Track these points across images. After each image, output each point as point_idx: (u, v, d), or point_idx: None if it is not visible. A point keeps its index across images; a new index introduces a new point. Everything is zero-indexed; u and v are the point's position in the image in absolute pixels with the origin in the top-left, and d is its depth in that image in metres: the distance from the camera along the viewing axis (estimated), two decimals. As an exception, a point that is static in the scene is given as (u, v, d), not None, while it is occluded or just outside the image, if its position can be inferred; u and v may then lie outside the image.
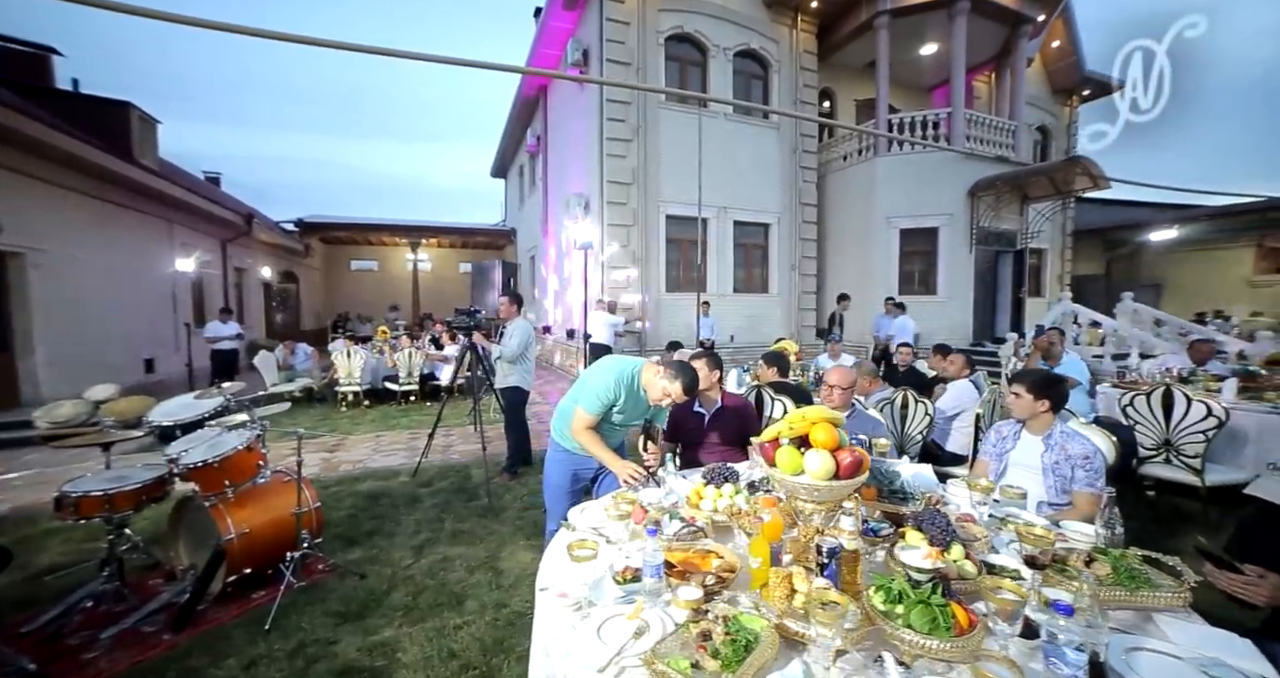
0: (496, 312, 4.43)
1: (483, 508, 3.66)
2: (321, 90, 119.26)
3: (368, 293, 20.41)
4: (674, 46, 9.70)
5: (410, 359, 7.02)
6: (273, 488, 2.70)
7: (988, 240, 9.81)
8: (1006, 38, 10.79)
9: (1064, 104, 14.53)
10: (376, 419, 6.45)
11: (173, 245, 9.52)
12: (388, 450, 5.15)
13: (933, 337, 9.62)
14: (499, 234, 19.73)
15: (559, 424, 2.34)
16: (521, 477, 4.34)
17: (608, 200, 9.31)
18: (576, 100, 10.60)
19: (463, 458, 4.91)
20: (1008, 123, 10.23)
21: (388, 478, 4.28)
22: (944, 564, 1.10)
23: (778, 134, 10.60)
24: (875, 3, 9.76)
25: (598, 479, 2.36)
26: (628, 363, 2.17)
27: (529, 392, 4.37)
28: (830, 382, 2.54)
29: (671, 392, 2.01)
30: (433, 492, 3.99)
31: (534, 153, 14.90)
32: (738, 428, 2.64)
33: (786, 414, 3.18)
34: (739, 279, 10.54)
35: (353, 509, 3.61)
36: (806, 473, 1.29)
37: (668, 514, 1.55)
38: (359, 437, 5.66)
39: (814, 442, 1.32)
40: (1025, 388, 2.27)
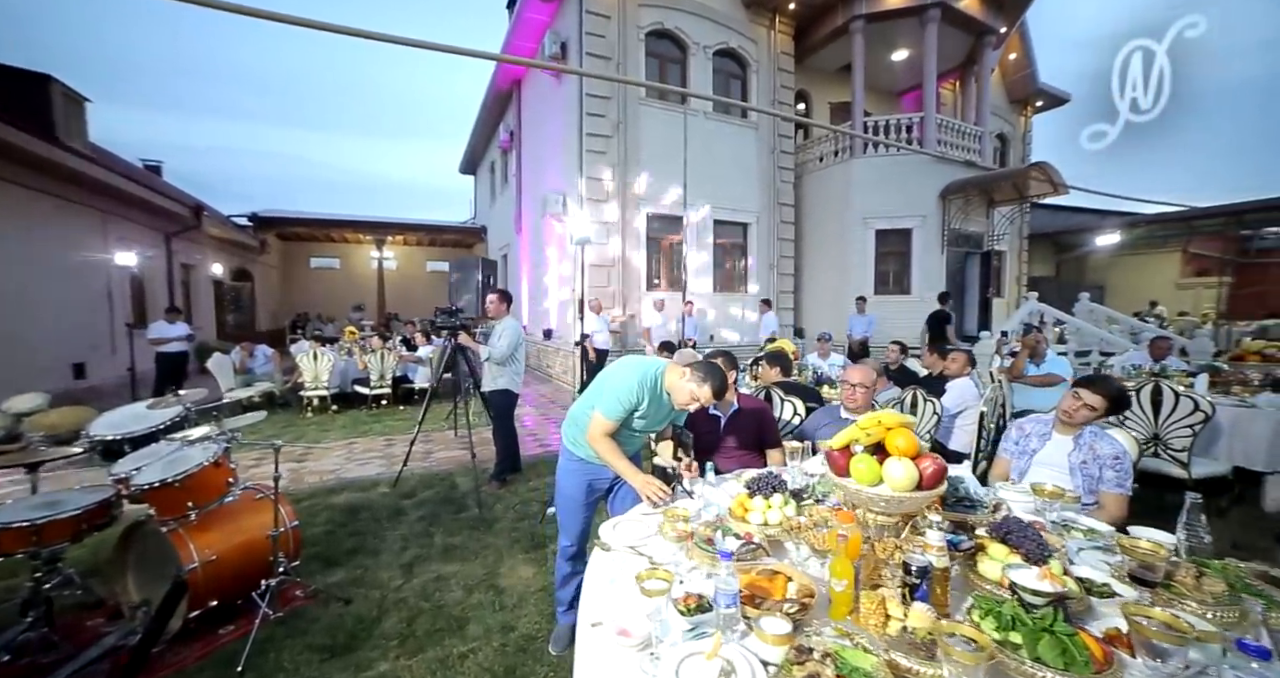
0: (484, 310, 4.18)
1: (474, 519, 3.43)
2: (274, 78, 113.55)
3: (329, 292, 19.48)
4: (654, 43, 9.58)
5: (383, 361, 6.63)
6: (243, 507, 2.41)
7: (957, 242, 10.12)
8: (972, 47, 11.16)
9: (1020, 114, 15.22)
10: (347, 425, 6.06)
11: (107, 238, 8.70)
12: (362, 459, 4.81)
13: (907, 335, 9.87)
14: (469, 232, 19.16)
15: (572, 431, 2.17)
16: (511, 484, 4.12)
17: (587, 197, 9.10)
18: (553, 95, 10.33)
19: (445, 465, 4.63)
20: (975, 129, 10.59)
21: (366, 489, 3.97)
22: (1065, 588, 0.99)
23: (756, 134, 10.63)
24: (851, 7, 9.92)
25: (613, 489, 2.20)
26: (650, 364, 2.01)
27: (519, 395, 4.15)
28: (853, 381, 2.45)
29: (700, 395, 1.87)
30: (417, 503, 3.72)
31: (506, 148, 14.51)
32: (755, 432, 2.53)
33: (797, 413, 3.11)
34: (718, 278, 10.52)
35: (329, 525, 3.32)
36: (886, 483, 1.17)
37: (720, 530, 1.41)
38: (329, 444, 5.28)
39: (892, 449, 1.20)
40: (1102, 397, 2.15)
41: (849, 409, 2.52)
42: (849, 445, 1.27)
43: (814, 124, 9.38)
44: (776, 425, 2.63)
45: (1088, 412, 2.17)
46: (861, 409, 2.49)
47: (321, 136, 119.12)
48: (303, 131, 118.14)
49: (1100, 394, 2.18)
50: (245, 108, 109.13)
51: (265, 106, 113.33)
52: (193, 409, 2.75)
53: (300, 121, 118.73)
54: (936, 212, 9.84)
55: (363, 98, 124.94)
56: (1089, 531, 1.45)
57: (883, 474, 1.17)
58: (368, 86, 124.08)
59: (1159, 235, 17.88)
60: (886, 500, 1.16)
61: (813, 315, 11.31)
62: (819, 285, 11.13)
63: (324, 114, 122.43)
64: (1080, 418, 2.21)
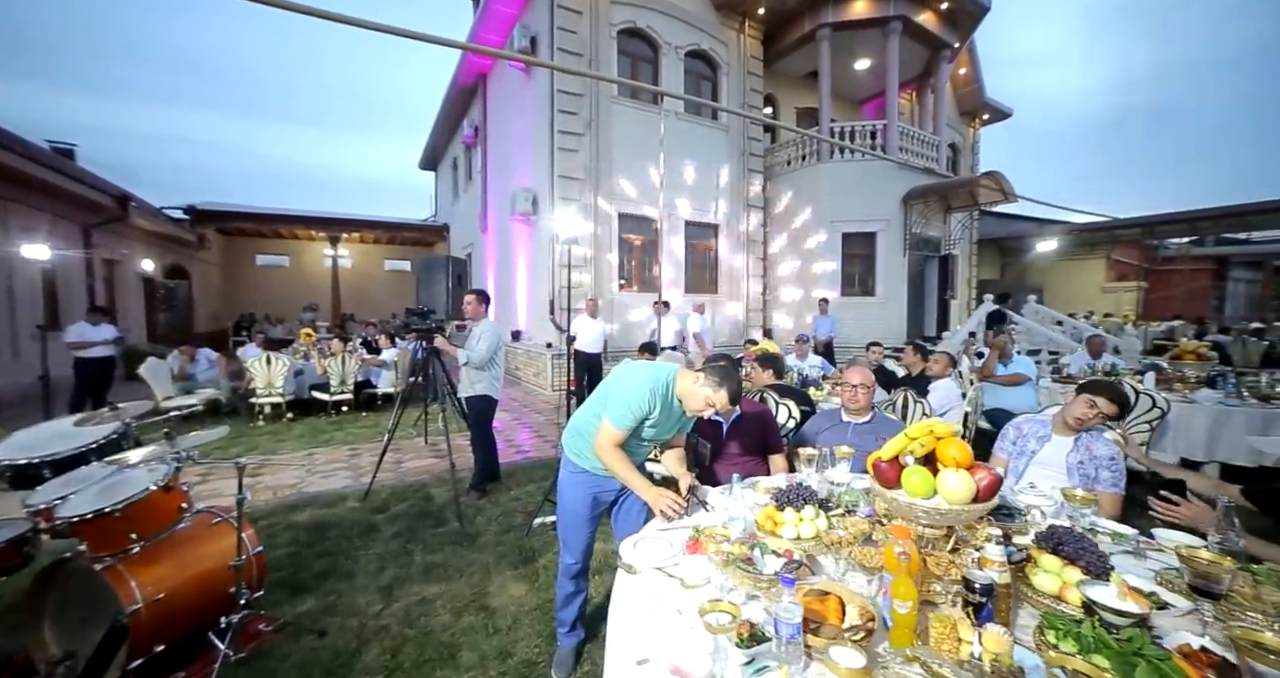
0: (459, 311, 3.96)
1: (455, 534, 3.22)
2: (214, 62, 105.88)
3: (278, 291, 18.31)
4: (626, 41, 9.49)
5: (344, 365, 6.23)
6: (198, 535, 2.14)
7: (918, 246, 10.53)
8: (928, 60, 11.66)
9: (969, 125, 16.04)
10: (305, 434, 5.63)
11: (5, 228, 7.78)
12: (325, 470, 4.47)
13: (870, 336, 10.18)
14: (430, 230, 18.47)
15: (575, 441, 2.04)
16: (491, 494, 3.92)
17: (558, 196, 8.90)
18: (522, 91, 10.07)
19: (418, 476, 4.37)
20: (933, 137, 11.05)
21: (333, 504, 3.67)
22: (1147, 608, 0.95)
23: (727, 136, 10.71)
24: (818, 15, 10.15)
25: (618, 501, 2.08)
26: (660, 370, 1.91)
27: (498, 400, 3.95)
28: (854, 382, 2.43)
29: (716, 401, 1.79)
30: (391, 518, 3.47)
31: (471, 144, 14.07)
32: (758, 436, 2.47)
33: (792, 416, 3.08)
34: (689, 280, 10.53)
35: (294, 546, 3.03)
36: (940, 495, 1.12)
37: (756, 548, 1.32)
38: (287, 456, 4.88)
39: (946, 460, 1.15)
40: (1108, 401, 2.21)
41: (850, 411, 2.50)
42: (898, 456, 1.22)
43: (784, 127, 9.54)
44: (779, 429, 2.58)
45: (1095, 417, 2.22)
46: (863, 411, 2.48)
47: (270, 127, 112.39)
48: (249, 121, 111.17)
49: (1115, 402, 2.23)
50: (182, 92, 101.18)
51: (205, 92, 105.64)
52: (133, 425, 2.43)
53: (246, 110, 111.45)
54: (899, 216, 10.19)
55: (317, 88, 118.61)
56: (1116, 534, 1.45)
57: (937, 486, 1.12)
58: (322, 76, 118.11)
59: (1088, 243, 19.34)
60: (942, 514, 1.11)
61: (781, 317, 11.50)
62: (786, 286, 11.32)
63: (273, 104, 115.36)
64: (1093, 422, 2.25)
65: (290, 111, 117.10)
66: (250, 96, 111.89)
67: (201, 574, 2.05)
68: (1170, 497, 1.63)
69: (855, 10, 10.02)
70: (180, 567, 2.01)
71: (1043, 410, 2.46)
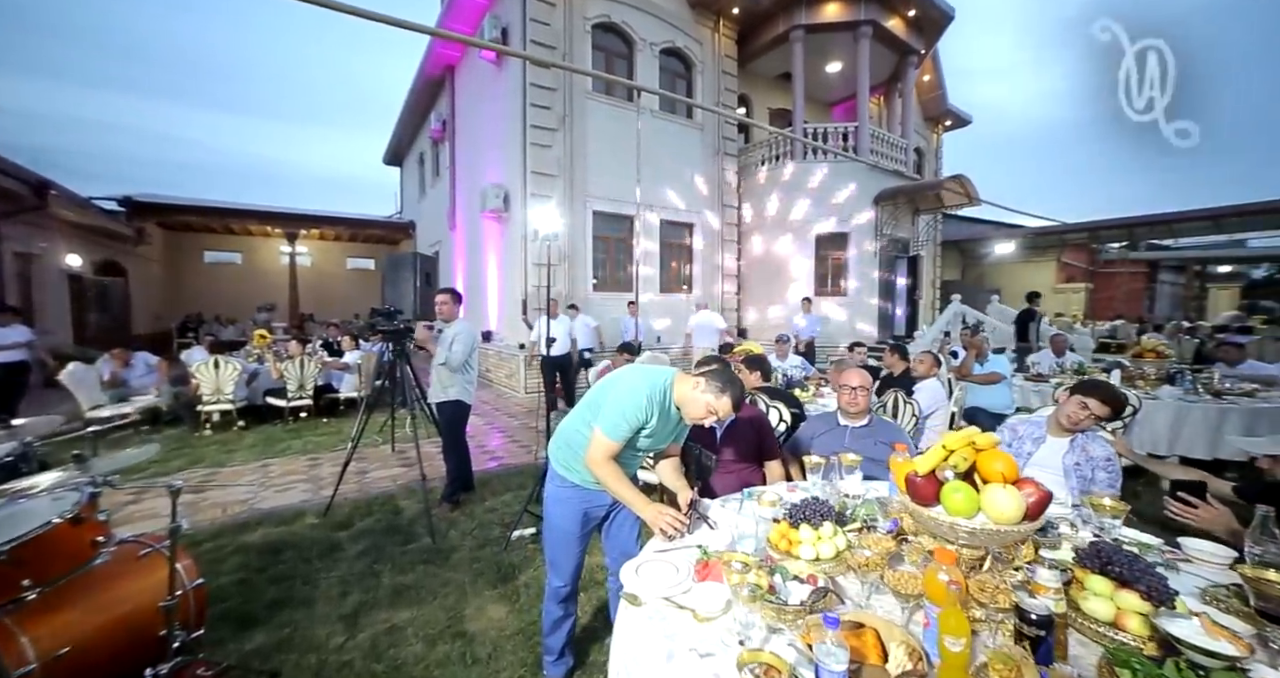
0: (432, 311, 3.72)
1: (426, 551, 2.99)
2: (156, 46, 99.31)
3: (229, 290, 17.26)
4: (600, 36, 9.31)
5: (303, 369, 5.83)
6: (120, 571, 1.82)
7: (888, 247, 10.73)
8: (896, 65, 11.92)
9: (932, 131, 16.54)
10: (258, 444, 5.22)
11: None
12: (281, 484, 4.13)
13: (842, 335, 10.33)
14: (396, 227, 17.80)
15: (562, 453, 1.87)
16: (465, 505, 3.69)
17: (531, 193, 8.65)
18: (493, 84, 9.75)
19: (385, 486, 4.09)
20: (902, 141, 11.29)
21: (289, 521, 3.37)
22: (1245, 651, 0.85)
23: (701, 135, 10.67)
24: (791, 17, 10.22)
25: (609, 516, 1.92)
26: (658, 375, 1.76)
27: (471, 405, 3.73)
28: (852, 384, 2.35)
29: (719, 408, 1.65)
30: (355, 535, 3.20)
31: (438, 139, 13.60)
32: (754, 442, 2.36)
33: (783, 420, 2.99)
34: (664, 279, 10.43)
35: (243, 572, 2.74)
36: (986, 513, 1.01)
37: (776, 573, 1.19)
38: (238, 468, 4.49)
39: (989, 474, 1.05)
40: (1101, 401, 2.19)
41: (848, 415, 2.42)
42: (934, 471, 1.11)
43: (759, 126, 9.55)
44: (774, 434, 2.48)
45: (1089, 418, 2.20)
46: (862, 414, 2.40)
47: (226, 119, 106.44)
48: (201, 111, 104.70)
49: (1108, 404, 2.21)
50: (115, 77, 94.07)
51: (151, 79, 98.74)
52: (35, 444, 2.11)
53: (198, 100, 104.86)
54: (870, 217, 10.36)
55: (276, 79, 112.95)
56: (1142, 545, 1.39)
57: (983, 504, 1.01)
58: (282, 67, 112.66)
59: (1040, 246, 20.36)
60: (988, 534, 1.01)
61: (755, 316, 11.54)
62: (760, 286, 11.37)
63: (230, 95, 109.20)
64: (1086, 423, 2.23)
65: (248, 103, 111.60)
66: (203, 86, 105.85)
67: (122, 618, 1.74)
68: (1189, 499, 1.59)
69: (828, 13, 10.13)
70: (93, 612, 1.69)
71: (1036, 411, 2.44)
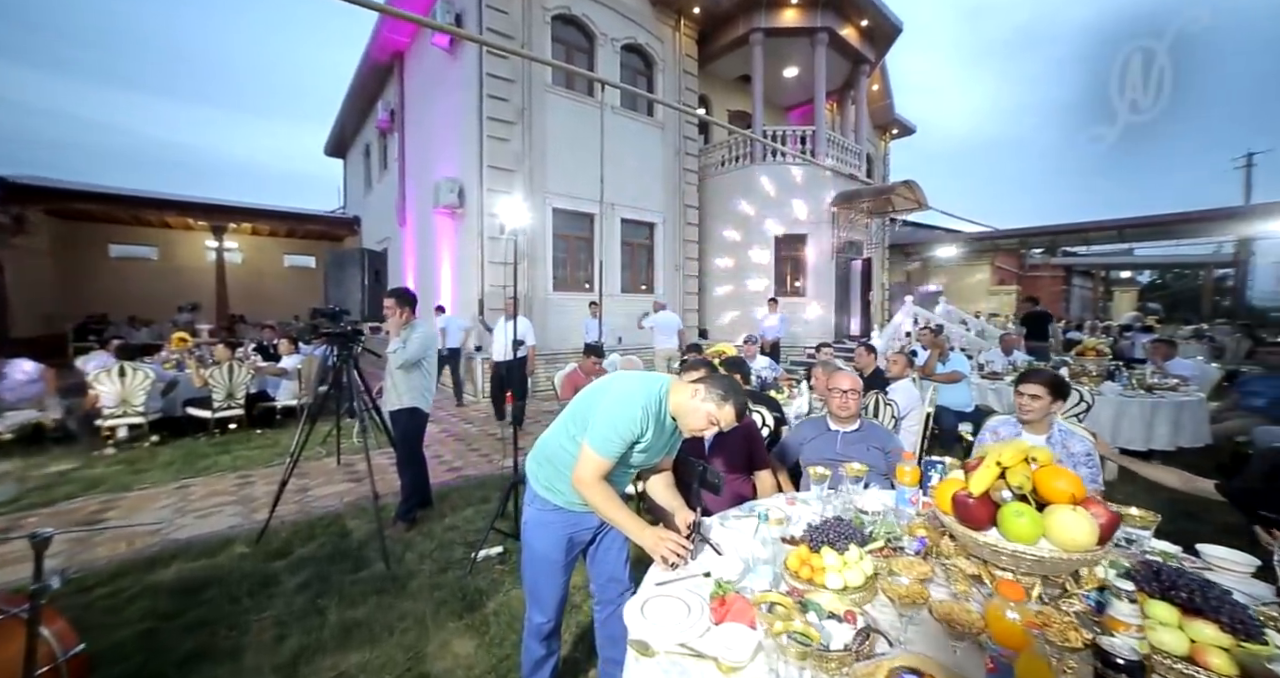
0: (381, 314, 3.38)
1: (380, 579, 2.68)
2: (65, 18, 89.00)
3: (142, 288, 15.54)
4: (560, 28, 9.04)
5: (232, 375, 5.24)
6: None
7: (844, 249, 11.03)
8: (849, 73, 12.30)
9: (880, 138, 17.27)
10: (175, 462, 4.61)
11: None
12: (204, 507, 3.64)
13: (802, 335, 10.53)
14: (339, 222, 16.71)
15: (544, 471, 1.65)
16: (423, 523, 3.37)
17: (488, 188, 8.27)
18: (446, 72, 9.27)
19: (330, 505, 3.69)
20: (856, 146, 11.64)
21: (213, 552, 2.94)
22: None
23: (662, 134, 10.58)
24: (751, 19, 10.31)
25: (595, 539, 1.73)
26: (651, 382, 1.58)
27: (429, 414, 3.41)
28: (843, 387, 2.26)
29: (720, 418, 1.50)
30: (294, 564, 2.83)
31: (386, 129, 12.85)
32: (744, 451, 2.23)
33: (766, 424, 2.88)
34: (625, 279, 10.27)
35: (151, 620, 2.32)
36: (1052, 539, 0.90)
37: (808, 608, 1.04)
38: (149, 492, 3.92)
39: (1052, 494, 0.94)
40: (1046, 390, 2.21)
41: (838, 419, 2.33)
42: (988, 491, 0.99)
43: (723, 126, 9.56)
44: (764, 442, 2.35)
45: (1037, 403, 2.22)
46: (853, 418, 2.32)
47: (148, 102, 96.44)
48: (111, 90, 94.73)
49: (1037, 383, 2.26)
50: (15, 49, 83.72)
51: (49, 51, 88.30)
52: None
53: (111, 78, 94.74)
54: (827, 220, 10.61)
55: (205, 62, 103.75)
56: (1165, 554, 1.34)
57: (1050, 529, 0.90)
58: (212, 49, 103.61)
59: (976, 250, 21.76)
60: (1054, 563, 0.90)
61: (715, 317, 11.57)
62: (721, 287, 11.41)
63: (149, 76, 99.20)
64: (1034, 412, 2.26)
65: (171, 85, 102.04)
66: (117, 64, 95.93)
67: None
68: None
69: (786, 18, 10.29)
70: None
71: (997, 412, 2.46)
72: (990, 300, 22.53)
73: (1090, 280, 24.81)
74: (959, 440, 4.86)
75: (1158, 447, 4.63)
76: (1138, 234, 16.88)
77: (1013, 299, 22.29)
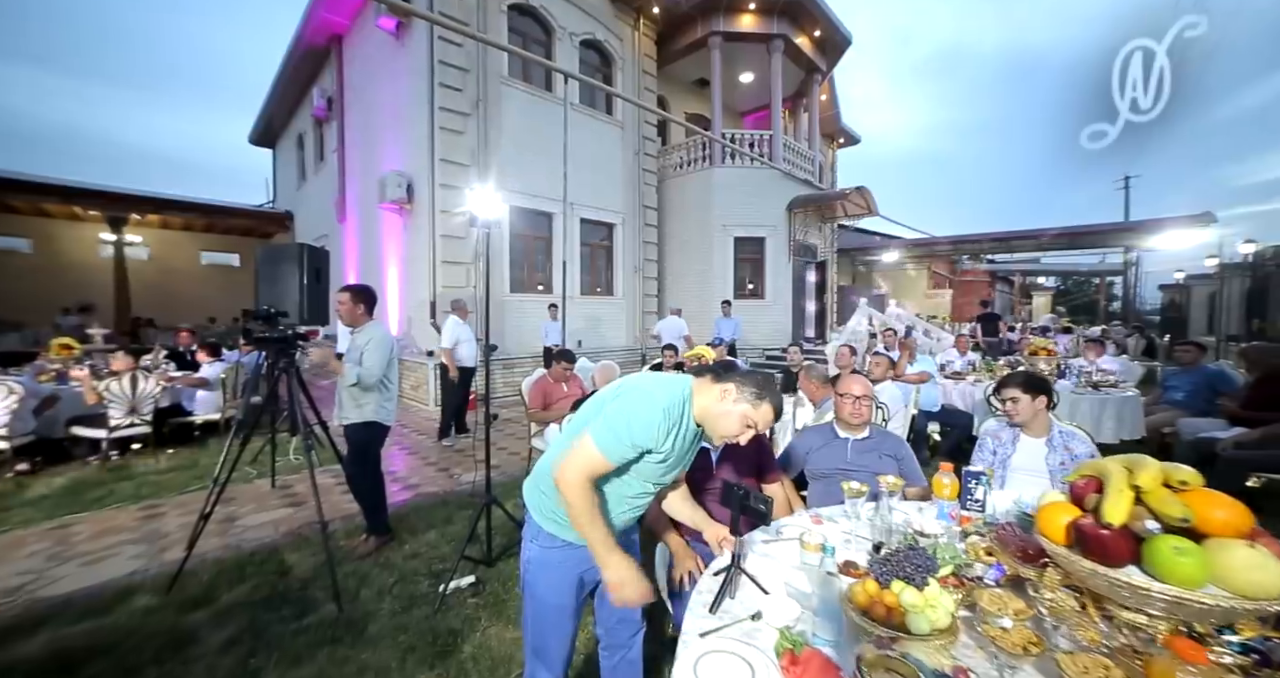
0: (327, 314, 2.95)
1: (331, 625, 2.28)
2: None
3: (9, 287, 13.11)
4: (517, 19, 8.67)
5: (135, 387, 4.50)
6: None
7: (800, 252, 11.25)
8: (802, 81, 12.63)
9: (829, 146, 17.95)
10: (54, 495, 3.81)
11: None
12: (92, 551, 2.99)
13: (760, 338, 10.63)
14: (268, 217, 15.33)
15: (546, 500, 1.39)
16: (379, 553, 2.96)
17: (440, 183, 7.76)
18: (393, 58, 8.64)
19: (264, 536, 3.18)
20: (810, 151, 11.95)
21: (104, 609, 2.37)
22: None
23: (622, 133, 10.40)
24: (710, 23, 10.34)
25: (605, 578, 1.48)
26: (674, 385, 1.34)
27: (389, 427, 3.02)
28: (855, 393, 2.13)
29: (758, 420, 1.30)
30: (218, 615, 2.36)
31: (323, 117, 11.89)
32: (753, 461, 2.04)
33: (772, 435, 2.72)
34: (584, 281, 9.99)
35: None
36: (1219, 581, 0.76)
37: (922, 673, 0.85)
38: (8, 538, 3.14)
39: (1213, 525, 0.80)
40: (1021, 390, 2.21)
41: (849, 426, 2.19)
42: (1128, 523, 0.84)
43: (685, 124, 9.47)
44: (772, 452, 2.18)
45: (1019, 405, 2.22)
46: (864, 425, 2.19)
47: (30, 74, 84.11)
48: None
49: (1012, 386, 2.27)
50: None
51: None
52: None
53: None
54: (784, 223, 10.78)
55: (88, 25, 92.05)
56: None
57: (1218, 570, 0.75)
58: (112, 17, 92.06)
59: (915, 256, 23.12)
60: (1225, 612, 0.75)
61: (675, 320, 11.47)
62: (681, 289, 11.34)
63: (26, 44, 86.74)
64: (1021, 414, 2.25)
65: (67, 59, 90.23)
66: None
67: None
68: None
69: (744, 23, 10.40)
70: None
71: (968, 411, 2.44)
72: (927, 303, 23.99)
73: (1010, 286, 27.09)
74: (926, 440, 5.00)
75: (1103, 440, 4.90)
76: (1053, 244, 18.47)
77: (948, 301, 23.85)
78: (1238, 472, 3.38)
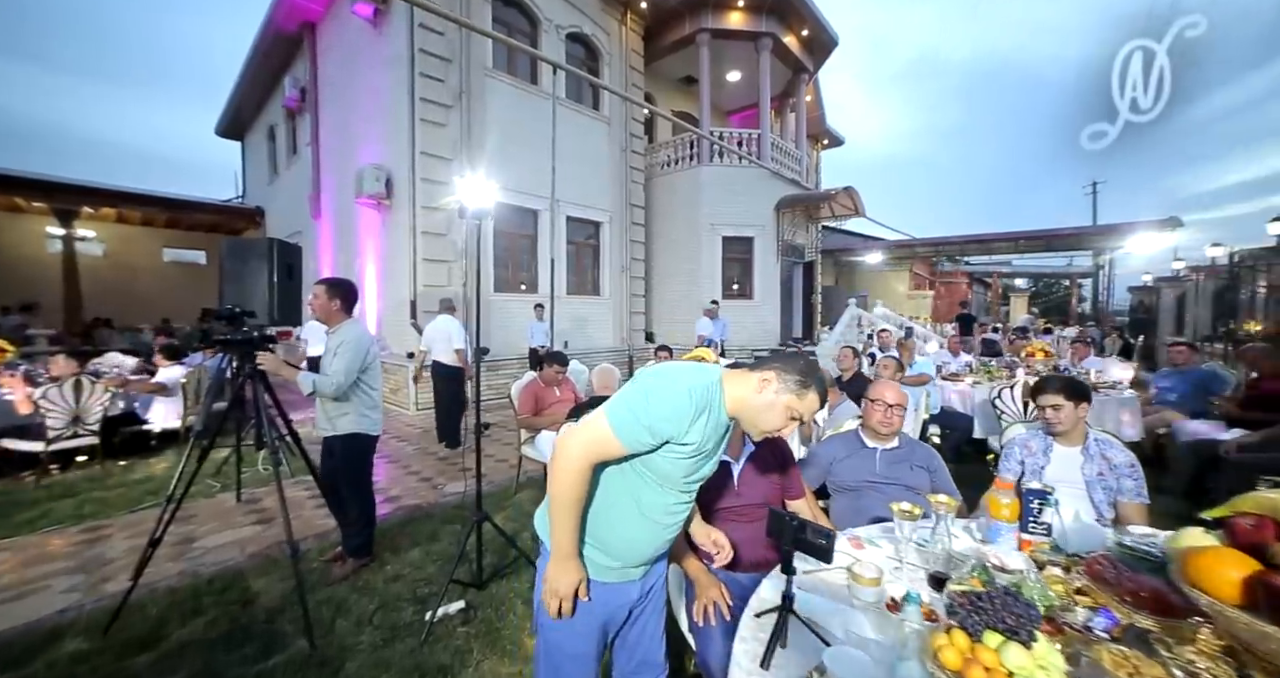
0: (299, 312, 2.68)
1: (302, 664, 2.01)
2: None
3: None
4: (501, 9, 8.39)
5: (80, 394, 4.10)
6: None
7: (788, 252, 11.19)
8: (789, 81, 12.59)
9: (814, 147, 18.03)
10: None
11: None
12: (14, 584, 2.60)
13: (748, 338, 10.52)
14: (237, 212, 14.65)
15: None
16: (357, 576, 2.69)
17: (420, 177, 7.44)
18: (370, 47, 8.27)
19: (227, 559, 2.87)
20: (798, 151, 11.91)
21: (25, 657, 2.04)
22: None
23: (608, 129, 10.19)
24: (698, 19, 10.20)
25: (630, 619, 1.27)
26: (702, 372, 1.15)
27: (376, 437, 2.75)
28: (889, 400, 1.96)
29: (803, 411, 1.13)
30: (168, 657, 2.06)
31: (296, 108, 11.39)
32: (777, 476, 1.85)
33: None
34: (571, 280, 9.75)
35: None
36: None
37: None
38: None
39: None
40: (1064, 396, 2.07)
41: (877, 435, 2.03)
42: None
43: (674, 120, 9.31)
44: (794, 460, 2.00)
45: (1061, 413, 2.08)
46: (894, 434, 2.02)
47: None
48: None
49: (1052, 392, 2.12)
50: None
51: None
52: None
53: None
54: (772, 223, 10.71)
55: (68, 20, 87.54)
56: None
57: None
58: None
59: (896, 257, 23.45)
60: None
61: (663, 319, 11.32)
62: (668, 289, 11.18)
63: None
64: (1062, 422, 2.11)
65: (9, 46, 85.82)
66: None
67: None
68: None
69: (732, 21, 10.29)
70: None
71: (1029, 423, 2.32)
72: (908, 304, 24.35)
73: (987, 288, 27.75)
74: (926, 443, 4.92)
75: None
76: (1030, 246, 18.91)
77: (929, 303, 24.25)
78: (1246, 476, 3.34)
